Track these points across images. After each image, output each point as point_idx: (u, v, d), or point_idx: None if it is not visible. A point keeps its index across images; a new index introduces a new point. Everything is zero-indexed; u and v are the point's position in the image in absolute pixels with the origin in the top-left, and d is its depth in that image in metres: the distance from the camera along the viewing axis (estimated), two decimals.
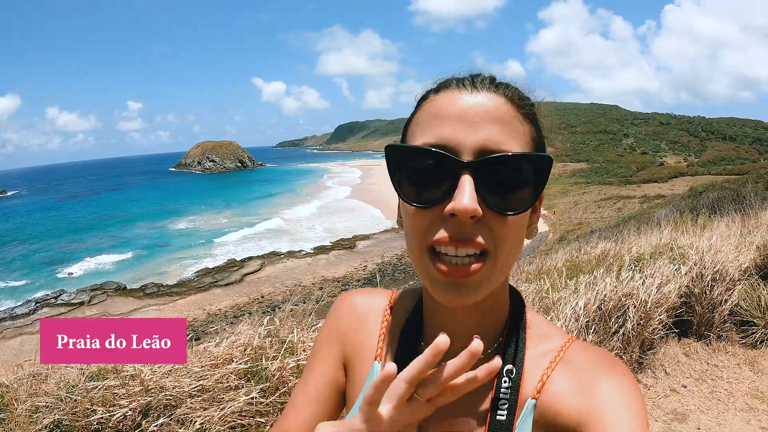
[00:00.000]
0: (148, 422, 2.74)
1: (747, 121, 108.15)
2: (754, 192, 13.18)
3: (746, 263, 5.42)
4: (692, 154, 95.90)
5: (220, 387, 3.04)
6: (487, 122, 0.68)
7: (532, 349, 0.82)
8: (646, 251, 5.36)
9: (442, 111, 0.71)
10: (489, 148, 0.67)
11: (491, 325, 0.83)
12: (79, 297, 25.15)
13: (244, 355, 3.28)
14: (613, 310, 4.08)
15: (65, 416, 2.74)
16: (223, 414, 2.86)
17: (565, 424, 0.74)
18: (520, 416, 0.77)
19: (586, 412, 0.72)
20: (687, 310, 4.67)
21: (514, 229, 0.71)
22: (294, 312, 3.88)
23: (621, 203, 45.26)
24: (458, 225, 0.67)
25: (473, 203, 0.65)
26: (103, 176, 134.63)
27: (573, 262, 5.40)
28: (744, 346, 4.70)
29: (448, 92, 0.73)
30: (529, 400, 0.77)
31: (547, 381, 0.78)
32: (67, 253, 35.93)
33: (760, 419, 3.80)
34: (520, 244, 0.75)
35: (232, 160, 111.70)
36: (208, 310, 22.54)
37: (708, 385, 4.21)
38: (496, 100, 0.71)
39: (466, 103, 0.70)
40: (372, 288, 1.03)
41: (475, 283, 0.70)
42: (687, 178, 64.90)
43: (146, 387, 2.81)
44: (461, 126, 0.68)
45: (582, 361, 0.78)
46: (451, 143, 0.68)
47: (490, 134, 0.68)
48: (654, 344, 4.45)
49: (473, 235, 0.68)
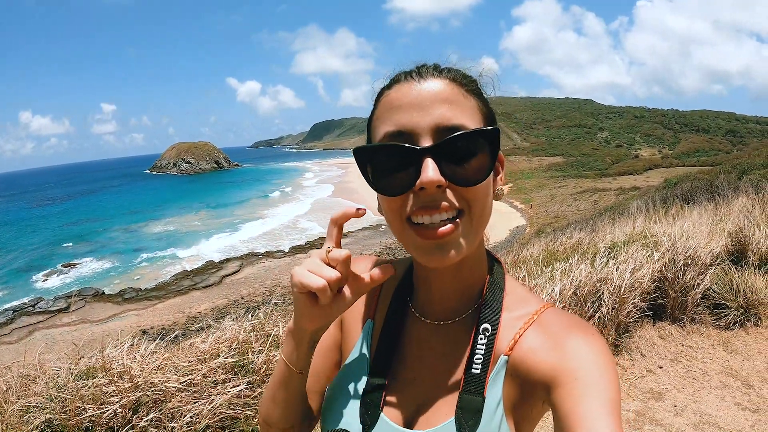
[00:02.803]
0: (139, 417, 2.77)
1: (719, 113, 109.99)
2: (727, 182, 13.44)
3: (718, 249, 5.58)
4: (666, 146, 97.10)
5: (208, 381, 3.08)
6: (437, 103, 0.76)
7: (508, 311, 0.88)
8: (620, 239, 5.50)
9: (396, 102, 0.79)
10: (443, 125, 0.75)
11: (471, 286, 0.91)
12: (57, 304, 24.68)
13: (231, 350, 3.33)
14: (588, 294, 4.20)
15: (56, 415, 2.76)
16: (212, 407, 2.90)
17: (537, 378, 0.79)
18: (493, 370, 0.83)
19: (556, 365, 0.77)
20: (661, 294, 4.81)
21: (480, 192, 0.78)
22: (277, 306, 3.92)
23: (597, 196, 45.64)
24: (428, 196, 0.75)
25: (437, 175, 0.73)
26: (78, 181, 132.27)
27: (549, 251, 5.52)
28: (718, 328, 4.85)
29: (399, 85, 0.81)
30: (502, 356, 0.84)
31: (520, 339, 0.84)
32: (44, 259, 35.28)
33: (734, 395, 3.94)
34: (489, 204, 0.82)
35: (207, 161, 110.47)
36: (188, 313, 22.31)
37: (683, 365, 4.35)
38: (442, 82, 0.79)
39: (416, 90, 0.78)
40: (365, 255, 1.11)
41: (455, 241, 0.77)
42: (662, 170, 65.30)
43: (135, 383, 2.83)
44: (415, 111, 0.76)
45: (554, 323, 0.84)
46: (408, 128, 0.76)
47: (441, 113, 0.76)
48: (630, 328, 4.58)
49: (444, 200, 0.76)
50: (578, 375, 0.74)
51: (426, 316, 0.94)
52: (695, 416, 3.70)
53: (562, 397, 0.74)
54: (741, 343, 4.63)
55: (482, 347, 0.84)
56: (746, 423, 3.61)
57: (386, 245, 32.10)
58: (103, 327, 20.25)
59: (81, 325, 22.10)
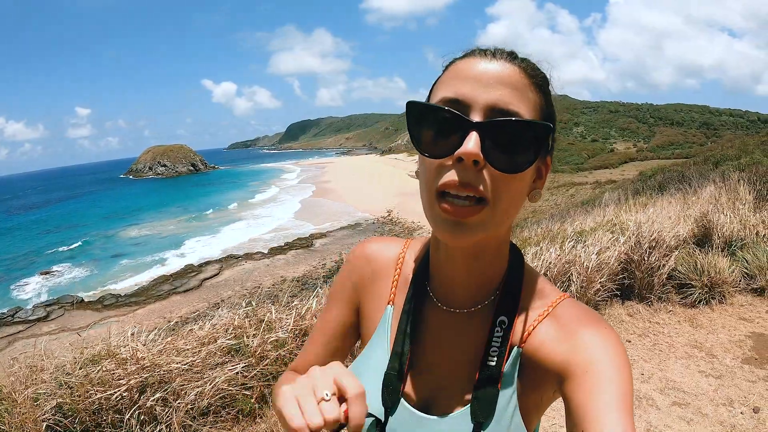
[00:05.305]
0: (146, 398, 2.95)
1: (693, 106, 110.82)
2: (698, 172, 13.82)
3: (684, 233, 5.90)
4: (641, 140, 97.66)
5: (209, 363, 3.27)
6: (500, 85, 0.77)
7: (525, 302, 0.89)
8: (589, 226, 5.80)
9: (462, 72, 0.79)
10: (499, 107, 0.75)
11: (490, 278, 0.91)
12: (37, 313, 24.35)
13: (227, 334, 3.53)
14: (558, 275, 4.48)
15: (66, 400, 2.92)
16: (214, 386, 3.09)
17: (549, 369, 0.82)
18: (508, 362, 0.85)
19: (568, 356, 0.79)
20: (628, 275, 5.12)
21: (513, 186, 0.78)
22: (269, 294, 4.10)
23: (573, 190, 46.10)
24: (463, 170, 0.75)
25: (477, 149, 0.73)
26: (54, 187, 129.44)
27: (521, 238, 5.78)
28: (684, 305, 5.18)
29: (470, 58, 0.81)
30: (516, 348, 0.86)
31: (533, 331, 0.86)
32: (21, 268, 34.69)
33: (698, 364, 4.24)
34: (518, 201, 0.82)
35: (184, 164, 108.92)
36: (169, 318, 22.02)
37: (650, 339, 4.64)
38: (511, 68, 0.79)
39: (484, 67, 0.78)
40: (388, 236, 1.15)
41: (472, 225, 0.77)
42: (637, 163, 65.78)
43: (142, 365, 3.01)
44: (477, 85, 0.77)
45: (569, 314, 0.85)
46: (466, 99, 0.76)
47: (501, 95, 0.76)
48: (599, 307, 4.87)
49: (475, 182, 0.75)
50: (590, 368, 0.75)
51: (444, 303, 0.94)
52: (661, 383, 3.98)
53: (573, 389, 0.76)
54: (706, 319, 4.95)
55: (498, 340, 0.86)
56: (709, 388, 3.90)
57: None
58: (84, 335, 20.07)
59: (61, 333, 21.80)
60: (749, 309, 5.12)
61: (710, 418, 3.54)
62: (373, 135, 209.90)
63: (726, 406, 3.66)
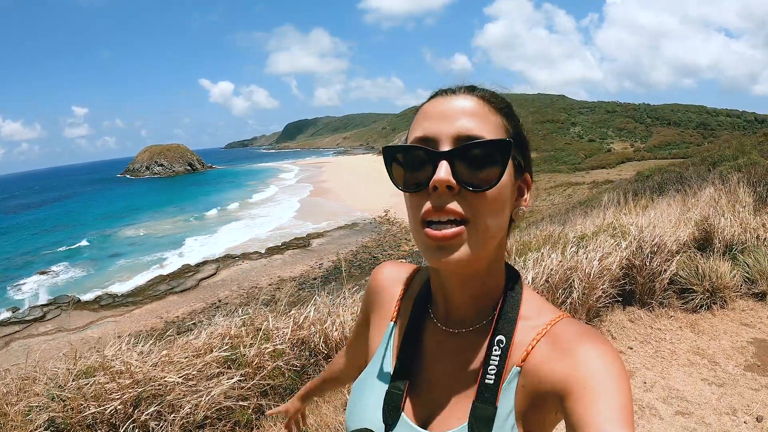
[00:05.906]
0: (140, 411, 2.89)
1: (690, 106, 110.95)
2: (696, 173, 13.77)
3: (684, 237, 5.86)
4: (638, 140, 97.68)
5: (204, 375, 3.21)
6: (462, 115, 0.84)
7: (524, 322, 0.92)
8: (590, 230, 5.75)
9: (429, 113, 0.87)
10: (463, 134, 0.82)
11: (486, 298, 0.95)
12: (33, 313, 24.28)
13: (223, 344, 3.46)
14: (559, 282, 4.43)
15: (58, 414, 2.85)
16: (210, 398, 3.03)
17: (549, 388, 0.82)
18: (506, 380, 0.87)
19: (567, 374, 0.80)
20: (629, 280, 5.07)
21: (491, 203, 0.83)
22: (267, 295, 4.04)
23: (571, 190, 46.31)
24: (439, 197, 0.81)
25: (447, 175, 0.79)
26: (51, 186, 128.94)
27: (522, 242, 5.73)
28: (685, 311, 5.14)
29: (435, 99, 0.90)
30: (515, 367, 0.87)
31: (532, 350, 0.87)
32: (18, 268, 34.58)
33: (701, 372, 4.20)
34: (499, 218, 0.85)
35: (181, 164, 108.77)
36: (166, 318, 22.05)
37: (652, 346, 4.60)
38: (471, 99, 0.86)
39: (446, 104, 0.86)
40: (402, 262, 1.21)
41: (456, 246, 0.82)
42: (634, 163, 65.81)
43: (135, 379, 2.95)
44: (442, 121, 0.84)
45: (567, 333, 0.86)
46: (434, 135, 0.83)
47: (463, 124, 0.83)
48: (600, 312, 4.82)
49: (452, 204, 0.81)
50: (588, 383, 0.76)
51: (443, 323, 0.98)
52: (664, 391, 3.94)
53: (572, 404, 0.76)
54: (708, 325, 4.90)
55: (496, 358, 0.88)
56: (712, 396, 3.85)
57: (362, 244, 32.21)
58: (81, 335, 20.01)
59: (58, 333, 21.76)
60: (750, 314, 5.08)
61: (713, 428, 3.50)
62: (371, 135, 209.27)
63: (729, 415, 3.62)
